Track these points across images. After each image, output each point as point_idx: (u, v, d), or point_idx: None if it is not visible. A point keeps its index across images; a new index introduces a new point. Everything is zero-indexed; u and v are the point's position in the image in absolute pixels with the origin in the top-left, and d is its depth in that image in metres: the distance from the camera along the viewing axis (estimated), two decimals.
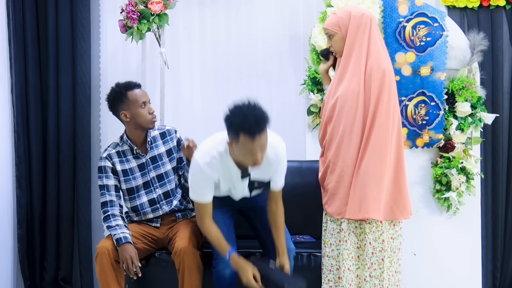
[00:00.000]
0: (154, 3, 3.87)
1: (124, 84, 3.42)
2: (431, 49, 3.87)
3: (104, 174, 3.42)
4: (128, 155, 3.47)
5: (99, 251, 3.21)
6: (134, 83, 3.44)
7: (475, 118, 3.91)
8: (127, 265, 3.20)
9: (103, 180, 3.42)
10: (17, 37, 4.13)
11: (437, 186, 3.93)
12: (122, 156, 3.46)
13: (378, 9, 3.86)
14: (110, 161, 3.43)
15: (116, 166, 3.43)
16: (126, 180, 3.45)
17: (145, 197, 3.48)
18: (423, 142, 3.93)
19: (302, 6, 4.40)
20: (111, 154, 3.44)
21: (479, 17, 4.30)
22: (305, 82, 3.94)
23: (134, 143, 3.46)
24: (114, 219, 3.34)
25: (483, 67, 4.17)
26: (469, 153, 3.93)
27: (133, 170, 3.46)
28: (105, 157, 3.44)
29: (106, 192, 3.40)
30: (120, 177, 3.45)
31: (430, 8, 3.91)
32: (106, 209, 3.38)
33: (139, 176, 3.47)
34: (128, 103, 3.37)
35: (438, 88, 3.87)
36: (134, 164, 3.46)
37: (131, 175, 3.46)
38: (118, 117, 3.44)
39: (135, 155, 3.46)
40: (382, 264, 3.16)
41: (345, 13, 3.19)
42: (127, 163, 3.46)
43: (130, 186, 3.46)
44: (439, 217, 4.00)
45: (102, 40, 4.37)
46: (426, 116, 3.89)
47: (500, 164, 4.33)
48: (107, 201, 3.39)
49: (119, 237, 3.25)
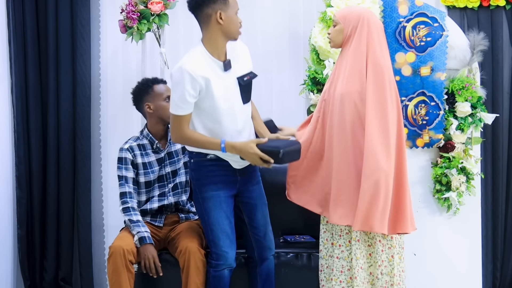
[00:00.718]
0: (154, 3, 3.87)
1: (151, 78, 3.59)
2: (431, 49, 3.87)
3: (124, 165, 3.46)
4: (148, 149, 3.53)
5: (113, 250, 3.19)
6: (160, 79, 3.60)
7: (475, 118, 3.91)
8: (149, 264, 3.23)
9: (122, 171, 3.46)
10: (17, 37, 4.13)
11: (437, 186, 3.93)
12: (142, 150, 3.52)
13: (378, 9, 3.86)
14: (131, 153, 3.48)
15: (137, 158, 3.48)
16: (146, 173, 3.50)
17: (158, 191, 3.52)
18: (423, 142, 3.93)
19: (302, 6, 4.41)
20: (133, 147, 3.50)
21: (479, 17, 4.31)
22: (305, 82, 3.94)
23: (155, 137, 3.52)
24: (135, 214, 3.38)
25: (483, 67, 4.17)
26: (469, 153, 3.93)
27: (152, 164, 3.52)
28: (127, 148, 3.48)
29: (125, 183, 3.44)
30: (139, 170, 3.49)
31: (430, 8, 3.91)
32: (125, 200, 3.41)
33: (156, 170, 3.53)
34: (154, 95, 3.50)
35: (438, 88, 3.87)
36: (153, 158, 3.52)
37: (150, 168, 3.51)
38: (141, 110, 3.55)
39: (154, 149, 3.53)
40: (392, 260, 3.18)
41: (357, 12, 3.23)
42: (147, 156, 3.52)
43: (148, 179, 3.51)
44: (439, 217, 4.00)
45: (102, 40, 4.37)
46: (426, 116, 3.89)
47: (500, 164, 4.34)
48: (126, 192, 3.43)
49: (144, 236, 3.29)
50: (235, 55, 3.19)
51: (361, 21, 3.18)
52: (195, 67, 3.00)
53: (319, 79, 3.86)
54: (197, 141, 3.08)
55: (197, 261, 3.22)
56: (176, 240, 3.36)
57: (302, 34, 4.35)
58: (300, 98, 4.13)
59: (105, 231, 4.42)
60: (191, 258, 3.20)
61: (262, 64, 4.38)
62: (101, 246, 4.41)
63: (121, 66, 4.38)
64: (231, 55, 3.17)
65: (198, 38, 4.38)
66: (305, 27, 4.34)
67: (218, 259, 3.19)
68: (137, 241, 3.28)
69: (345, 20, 3.20)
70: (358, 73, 3.12)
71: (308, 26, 4.19)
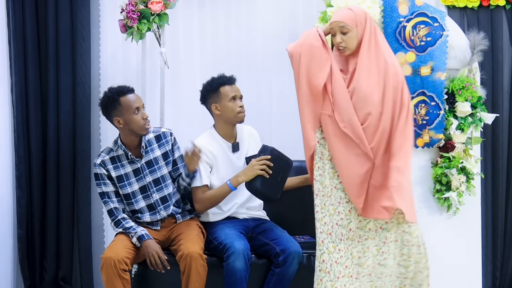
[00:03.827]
0: (154, 3, 3.87)
1: (116, 89, 3.40)
2: (431, 49, 3.87)
3: (101, 181, 3.41)
4: (123, 160, 3.44)
5: (104, 262, 3.16)
6: (127, 88, 3.42)
7: (475, 118, 3.91)
8: (154, 260, 3.22)
9: (102, 187, 3.41)
10: (17, 37, 4.13)
11: (437, 186, 3.93)
12: (117, 162, 3.43)
13: (378, 9, 3.86)
14: (104, 168, 3.41)
15: (110, 172, 3.41)
16: (122, 186, 3.43)
17: (143, 202, 3.47)
18: (423, 142, 3.93)
19: (302, 5, 4.41)
20: (104, 161, 3.42)
21: (479, 17, 4.31)
22: None
23: (128, 148, 3.44)
24: (126, 222, 3.36)
25: (483, 67, 4.17)
26: (469, 153, 3.93)
27: (128, 176, 3.44)
28: (99, 164, 3.41)
29: (108, 200, 3.40)
30: (116, 183, 3.43)
31: (430, 8, 3.91)
32: (114, 217, 3.40)
33: (134, 181, 3.45)
34: (121, 109, 3.36)
35: (438, 88, 3.87)
36: (129, 169, 3.44)
37: (126, 180, 3.43)
38: (111, 123, 3.44)
39: (130, 160, 3.44)
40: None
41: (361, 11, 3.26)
42: (122, 168, 3.44)
43: (126, 192, 3.44)
44: (439, 217, 4.00)
45: (102, 40, 4.37)
46: (426, 116, 3.89)
47: (500, 164, 4.34)
48: (112, 208, 3.40)
49: (141, 234, 3.27)
50: (244, 138, 3.68)
51: (368, 20, 3.20)
52: (205, 143, 3.53)
53: None
54: (209, 198, 3.49)
55: (198, 267, 3.19)
56: (177, 242, 3.35)
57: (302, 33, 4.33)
58: None
59: (105, 231, 4.42)
60: (192, 263, 3.18)
61: (262, 64, 4.39)
62: (101, 246, 4.41)
63: (121, 66, 4.38)
64: (241, 137, 3.66)
65: (198, 37, 4.42)
66: (305, 26, 4.34)
67: (227, 250, 3.24)
68: (137, 242, 3.27)
69: (357, 25, 3.19)
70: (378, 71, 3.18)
71: (308, 26, 4.18)
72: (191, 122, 4.37)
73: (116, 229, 3.37)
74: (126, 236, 3.33)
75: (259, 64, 4.41)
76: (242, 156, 3.62)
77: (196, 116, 4.35)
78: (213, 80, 3.61)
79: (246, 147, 3.66)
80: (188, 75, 4.41)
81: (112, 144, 3.49)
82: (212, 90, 3.56)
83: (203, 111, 4.37)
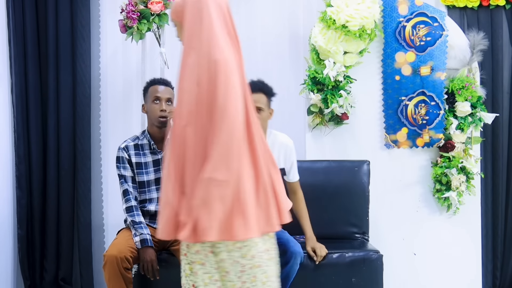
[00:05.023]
0: (154, 3, 3.87)
1: (152, 79, 3.57)
2: (431, 48, 3.88)
3: (121, 164, 3.47)
4: (146, 149, 3.51)
5: (107, 259, 3.17)
6: (160, 79, 3.55)
7: (475, 117, 3.92)
8: (147, 268, 3.23)
9: (121, 170, 3.46)
10: (17, 37, 4.13)
11: (437, 186, 3.94)
12: (139, 149, 3.50)
13: (378, 8, 3.87)
14: (127, 152, 3.47)
15: (131, 158, 3.47)
16: (139, 173, 3.48)
17: (155, 194, 3.50)
18: (423, 141, 3.93)
19: (302, 6, 4.41)
20: (128, 146, 3.49)
21: (479, 17, 4.31)
22: (305, 82, 3.95)
23: (153, 138, 3.51)
24: (138, 214, 3.38)
25: (483, 66, 4.18)
26: (469, 152, 3.94)
27: (147, 165, 3.50)
28: (123, 148, 3.48)
29: (125, 182, 3.45)
30: (134, 169, 3.49)
31: (430, 8, 3.92)
32: (128, 198, 3.42)
33: (152, 171, 3.50)
34: (147, 96, 3.49)
35: (438, 88, 3.88)
36: (150, 159, 3.50)
37: (144, 169, 3.49)
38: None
39: (152, 150, 3.51)
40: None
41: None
42: (143, 156, 3.50)
43: (141, 179, 3.49)
44: (439, 217, 4.01)
45: (102, 40, 4.37)
46: (426, 115, 3.90)
47: (500, 164, 4.34)
48: (127, 189, 3.44)
49: (146, 239, 3.29)
50: (275, 147, 3.41)
51: (192, 7, 2.44)
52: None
53: (319, 78, 3.86)
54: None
55: None
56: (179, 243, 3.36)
57: (302, 34, 4.35)
58: (300, 98, 4.13)
59: (105, 231, 4.42)
60: None
61: (262, 64, 4.38)
62: (101, 246, 4.41)
63: (121, 66, 4.38)
64: (273, 147, 3.39)
65: None
66: (305, 27, 4.34)
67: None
68: (138, 243, 3.28)
69: (177, 16, 2.52)
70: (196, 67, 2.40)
71: (308, 26, 4.19)
72: None
73: (126, 214, 3.39)
74: (129, 232, 3.35)
75: (259, 63, 4.41)
76: None
77: None
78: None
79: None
80: None
81: (140, 133, 3.57)
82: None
83: None
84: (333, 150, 3.99)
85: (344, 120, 3.92)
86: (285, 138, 3.50)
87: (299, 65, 4.32)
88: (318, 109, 3.93)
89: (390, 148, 4.00)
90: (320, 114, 3.94)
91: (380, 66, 3.98)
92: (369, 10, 3.80)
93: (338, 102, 3.83)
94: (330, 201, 3.66)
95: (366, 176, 3.75)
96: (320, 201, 3.42)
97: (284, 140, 3.48)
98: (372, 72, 4.00)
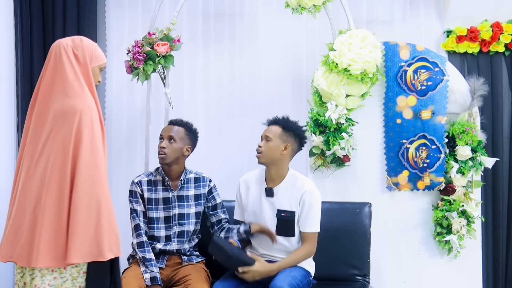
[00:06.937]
0: (160, 44, 3.93)
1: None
2: (432, 93, 3.92)
3: (134, 198, 3.52)
4: (158, 186, 3.55)
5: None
6: (172, 119, 3.64)
7: (476, 161, 3.94)
8: None
9: (133, 204, 3.51)
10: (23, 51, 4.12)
11: (438, 229, 3.94)
12: (152, 185, 3.54)
13: (380, 53, 3.92)
14: (140, 187, 3.52)
15: (144, 193, 3.51)
16: (149, 209, 3.51)
17: (163, 232, 3.51)
18: (424, 184, 3.95)
19: (305, 49, 4.47)
20: (141, 181, 3.54)
21: (479, 63, 4.37)
22: (307, 124, 3.98)
23: (168, 175, 3.55)
24: (148, 251, 3.42)
25: (483, 111, 4.22)
26: (470, 196, 3.94)
27: (158, 201, 3.53)
28: (136, 182, 3.54)
29: (136, 216, 3.49)
30: (145, 204, 3.52)
31: (431, 53, 3.97)
32: (140, 232, 3.45)
33: (161, 208, 3.52)
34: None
35: (439, 132, 3.91)
36: (161, 196, 3.53)
37: (154, 205, 3.52)
38: None
39: (164, 187, 3.54)
40: None
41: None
42: (155, 193, 3.53)
43: (151, 215, 3.51)
44: (440, 260, 4.00)
45: (108, 80, 4.42)
46: (427, 159, 3.92)
47: (500, 208, 4.35)
48: (139, 224, 3.48)
49: (156, 277, 3.32)
50: (290, 191, 3.37)
51: (53, 56, 2.85)
52: (247, 175, 3.56)
53: (321, 121, 3.90)
54: None
55: None
56: (184, 282, 3.36)
57: (305, 76, 4.40)
58: None
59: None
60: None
61: (265, 106, 4.42)
62: None
63: (126, 106, 4.41)
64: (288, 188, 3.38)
65: (202, 79, 4.47)
66: (307, 69, 4.39)
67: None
68: (148, 280, 3.30)
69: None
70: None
71: (311, 69, 4.24)
72: (194, 161, 4.38)
73: (138, 250, 3.40)
74: (137, 271, 3.36)
75: (262, 104, 4.45)
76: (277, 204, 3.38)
77: (199, 156, 4.38)
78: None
79: (284, 199, 3.37)
80: (192, 116, 4.44)
81: (154, 170, 3.62)
82: None
83: (206, 151, 4.42)
84: (335, 192, 4.00)
85: (345, 162, 3.94)
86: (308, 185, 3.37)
87: (301, 107, 4.36)
88: (320, 151, 3.95)
89: (392, 191, 4.02)
90: (322, 156, 3.96)
91: (382, 109, 4.02)
92: (371, 55, 3.85)
93: (340, 144, 3.85)
94: (332, 242, 3.66)
95: (367, 218, 3.75)
96: (322, 242, 3.41)
97: (306, 186, 3.35)
98: (373, 115, 4.04)
